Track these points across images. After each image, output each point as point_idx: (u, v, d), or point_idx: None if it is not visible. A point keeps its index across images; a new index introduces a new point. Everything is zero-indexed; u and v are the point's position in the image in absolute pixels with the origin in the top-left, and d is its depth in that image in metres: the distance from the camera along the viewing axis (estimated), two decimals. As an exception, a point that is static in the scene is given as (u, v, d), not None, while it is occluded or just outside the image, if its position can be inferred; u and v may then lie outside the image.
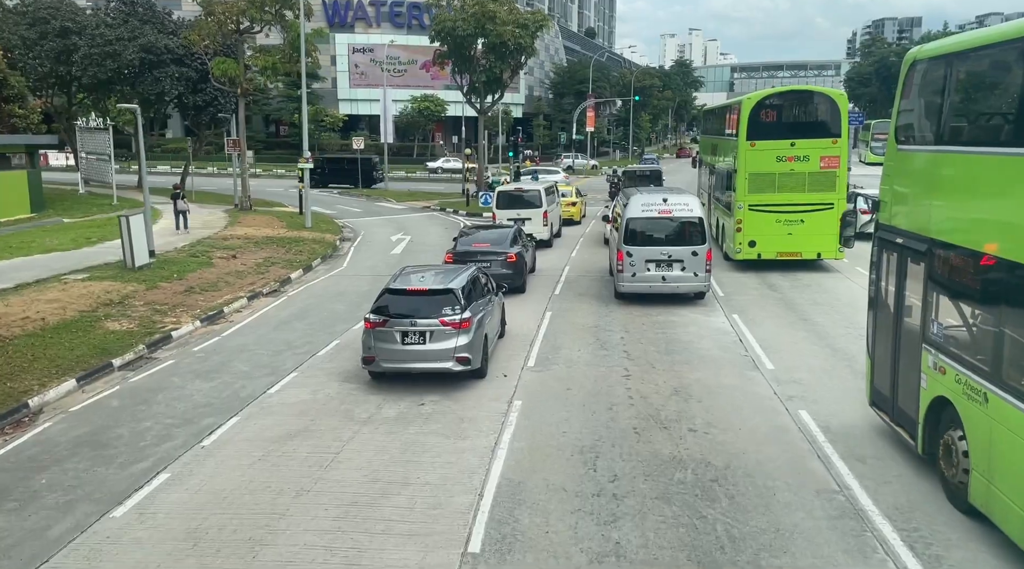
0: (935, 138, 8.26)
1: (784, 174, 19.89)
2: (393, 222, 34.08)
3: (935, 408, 7.99)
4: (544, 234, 25.31)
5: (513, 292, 18.10)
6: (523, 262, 18.78)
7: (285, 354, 13.87)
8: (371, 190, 48.44)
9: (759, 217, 20.22)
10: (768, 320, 15.80)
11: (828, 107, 20.20)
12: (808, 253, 20.42)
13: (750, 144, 20.01)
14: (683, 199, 17.38)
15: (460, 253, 18.29)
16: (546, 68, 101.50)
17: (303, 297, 18.85)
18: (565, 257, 24.35)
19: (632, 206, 17.31)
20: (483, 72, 37.81)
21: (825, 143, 19.72)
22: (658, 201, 17.18)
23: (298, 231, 28.57)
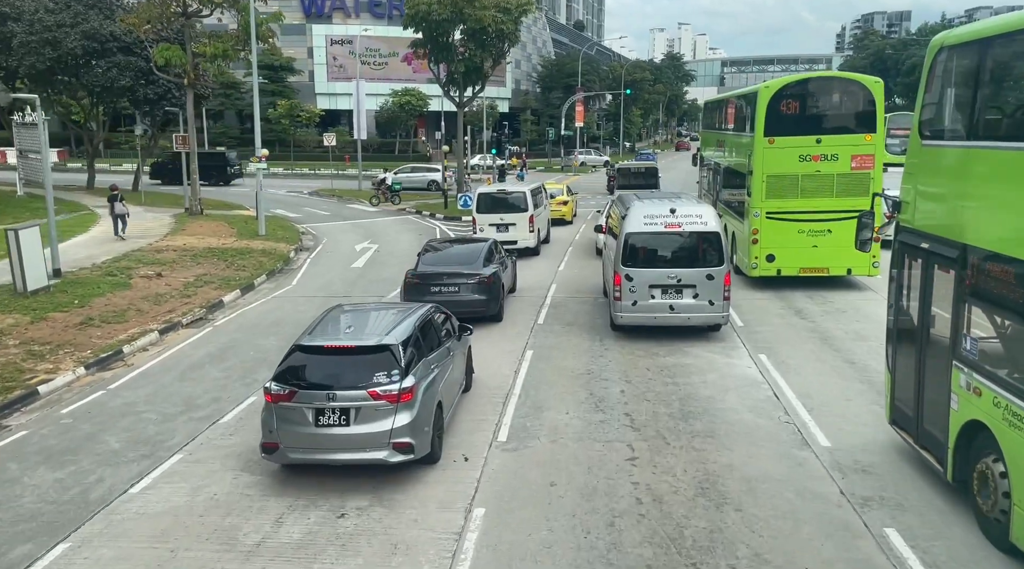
0: (967, 132, 7.53)
1: (808, 176, 16.95)
2: (361, 228, 30.69)
3: (968, 432, 7.25)
4: (531, 241, 22.87)
5: (488, 321, 15.14)
6: (499, 285, 15.59)
7: (178, 420, 10.49)
8: (344, 190, 44.91)
9: (778, 227, 17.18)
10: (806, 363, 12.53)
11: (861, 96, 17.14)
12: (836, 269, 17.48)
13: (768, 141, 17.03)
14: (695, 209, 14.09)
15: (423, 275, 15.24)
16: (533, 61, 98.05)
17: (231, 328, 15.46)
18: (552, 271, 21.07)
19: (632, 218, 14.01)
20: (462, 62, 34.41)
21: (857, 139, 16.77)
22: (664, 212, 13.87)
23: (248, 240, 25.13)
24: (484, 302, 14.93)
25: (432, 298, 14.10)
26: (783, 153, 16.94)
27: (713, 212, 14.07)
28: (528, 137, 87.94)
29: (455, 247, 17.33)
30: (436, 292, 14.72)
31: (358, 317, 9.80)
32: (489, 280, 15.09)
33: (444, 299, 14.10)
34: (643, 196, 16.23)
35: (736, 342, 13.85)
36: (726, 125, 22.51)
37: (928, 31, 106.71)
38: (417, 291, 14.82)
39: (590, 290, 18.38)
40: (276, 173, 61.51)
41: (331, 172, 57.03)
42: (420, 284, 14.94)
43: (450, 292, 14.76)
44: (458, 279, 14.95)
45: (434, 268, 15.40)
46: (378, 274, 20.87)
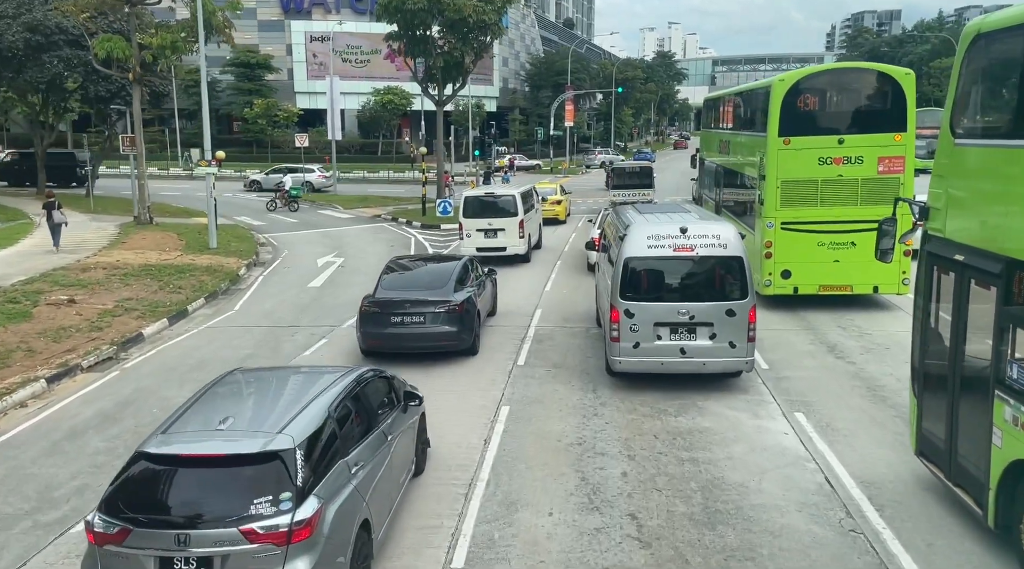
0: (1010, 130, 6.53)
1: (829, 181, 14.95)
2: (330, 237, 27.85)
3: (1015, 473, 6.24)
4: (521, 248, 21.45)
5: (461, 355, 12.84)
6: (473, 313, 13.14)
7: (16, 528, 7.65)
8: (319, 194, 41.96)
9: (795, 239, 15.15)
10: (858, 428, 9.79)
11: (890, 90, 15.00)
12: (861, 287, 15.43)
13: (783, 141, 15.01)
14: (711, 228, 11.35)
15: (382, 302, 12.75)
16: (522, 59, 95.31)
17: (142, 373, 12.62)
18: (536, 290, 18.34)
19: (633, 239, 11.26)
20: (440, 56, 31.61)
21: (885, 139, 14.74)
22: (672, 231, 11.12)
23: (195, 255, 22.26)
24: (455, 334, 12.58)
25: (394, 330, 12.39)
26: (800, 155, 14.96)
27: (734, 232, 11.34)
28: (516, 137, 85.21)
29: (423, 267, 15.04)
30: (397, 323, 12.46)
31: (250, 395, 7.02)
32: (461, 308, 12.70)
33: (407, 331, 12.41)
34: (644, 210, 13.49)
35: (763, 393, 11.12)
36: (732, 124, 20.39)
37: (924, 28, 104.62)
38: (375, 321, 12.58)
39: (581, 317, 15.64)
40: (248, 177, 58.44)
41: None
42: (379, 313, 12.57)
43: (414, 323, 12.48)
44: (424, 307, 12.56)
45: (395, 293, 12.99)
46: (336, 297, 18.07)
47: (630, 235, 11.31)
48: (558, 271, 20.92)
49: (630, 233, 11.35)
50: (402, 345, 12.56)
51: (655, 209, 13.66)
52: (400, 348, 12.58)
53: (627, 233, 11.42)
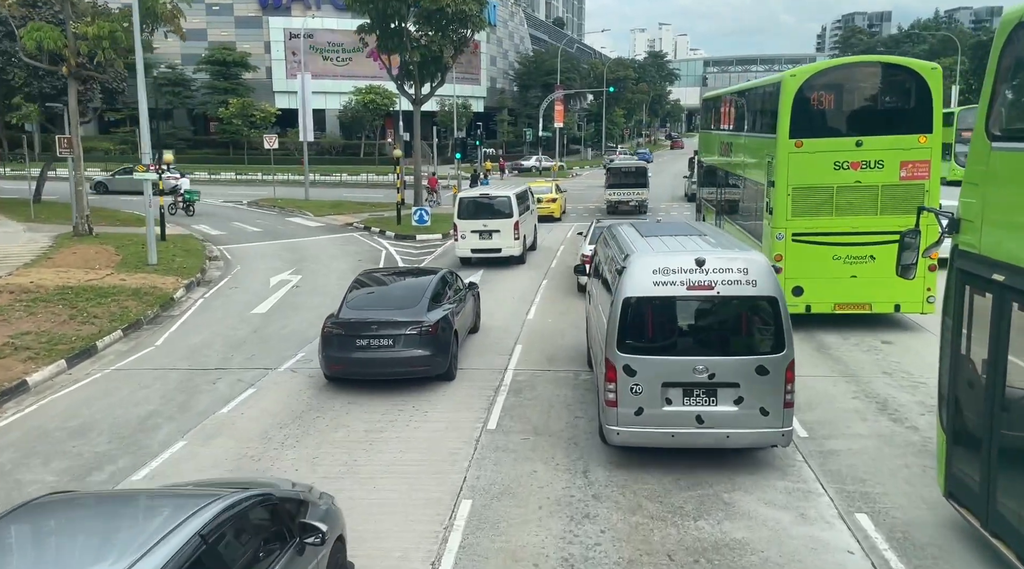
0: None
1: (846, 188, 13.61)
2: (291, 249, 25.09)
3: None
4: (516, 249, 21.09)
5: (437, 381, 11.58)
6: (449, 334, 11.78)
7: None
8: (290, 200, 39.14)
9: (808, 252, 13.80)
10: (948, 545, 7.12)
11: (914, 87, 13.55)
12: (881, 305, 14.01)
13: (794, 144, 13.63)
14: (735, 258, 8.59)
15: (347, 323, 11.39)
16: (511, 58, 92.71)
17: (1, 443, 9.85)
18: (520, 314, 15.70)
19: (635, 272, 8.55)
20: (416, 50, 28.88)
21: (908, 141, 13.40)
22: (685, 262, 8.42)
23: (129, 272, 19.44)
24: (428, 358, 11.27)
25: (360, 354, 11.11)
26: (814, 159, 13.59)
27: (764, 263, 8.61)
28: (504, 138, 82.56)
29: (394, 282, 13.60)
30: (364, 346, 11.16)
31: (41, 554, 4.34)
32: (435, 329, 11.36)
33: (375, 355, 11.13)
34: (646, 230, 10.71)
35: (806, 477, 8.45)
36: (736, 124, 18.79)
37: (921, 27, 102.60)
38: (338, 344, 11.26)
39: (569, 356, 12.97)
40: (219, 179, 55.68)
41: (284, 178, 51.37)
42: (343, 336, 11.24)
43: (383, 346, 11.18)
44: (394, 328, 11.21)
45: (362, 313, 11.60)
46: (282, 326, 15.35)
47: (631, 268, 8.61)
48: (544, 290, 18.24)
49: (631, 265, 8.65)
50: (369, 371, 11.29)
51: (659, 230, 10.91)
52: (367, 374, 11.32)
53: (627, 265, 8.71)
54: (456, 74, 79.16)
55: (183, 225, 30.42)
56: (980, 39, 74.53)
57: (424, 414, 10.46)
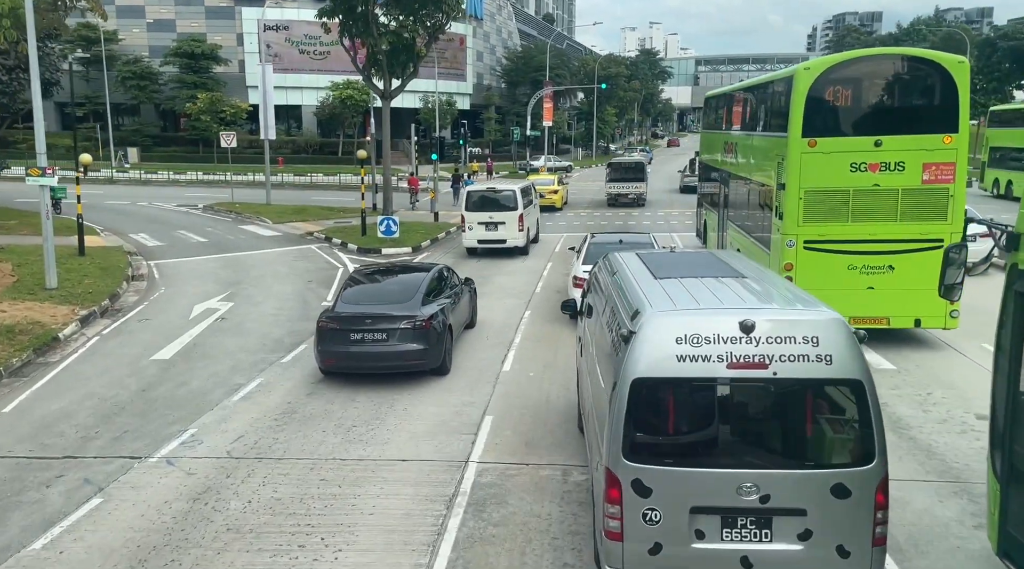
0: None
1: (864, 192, 12.68)
2: (234, 265, 21.49)
3: None
4: (520, 241, 22.37)
5: (431, 375, 11.69)
6: (443, 328, 11.81)
7: None
8: (249, 204, 35.43)
9: (821, 261, 12.86)
10: None
11: (938, 82, 12.56)
12: (900, 320, 12.99)
13: (807, 143, 12.69)
14: (797, 317, 5.66)
15: (341, 317, 11.51)
16: (498, 54, 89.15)
17: None
18: (495, 363, 12.18)
19: (648, 339, 5.49)
20: (385, 36, 25.30)
21: (932, 141, 12.43)
22: (724, 324, 5.46)
23: (16, 299, 15.81)
24: (421, 352, 11.37)
25: (354, 348, 11.27)
26: (828, 160, 12.65)
27: (842, 326, 5.50)
28: (491, 137, 78.99)
29: (389, 278, 13.29)
30: (358, 340, 11.30)
31: None
32: (428, 324, 11.47)
33: (369, 349, 11.26)
34: (659, 267, 7.28)
35: None
36: (742, 123, 17.62)
37: (921, 23, 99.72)
38: (333, 339, 11.41)
39: (555, 436, 9.48)
40: (180, 180, 51.94)
41: (251, 178, 47.79)
42: (337, 330, 11.42)
43: (377, 340, 11.31)
44: (388, 322, 11.35)
45: (357, 308, 11.76)
46: (182, 382, 11.78)
47: (643, 333, 5.52)
48: (526, 326, 14.71)
49: (643, 329, 5.55)
50: (363, 365, 11.39)
51: (678, 265, 7.46)
52: (361, 369, 11.43)
53: (637, 329, 5.60)
54: (440, 69, 75.56)
55: (119, 235, 26.76)
56: (988, 36, 71.46)
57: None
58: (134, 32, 68.47)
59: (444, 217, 31.61)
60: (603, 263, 8.58)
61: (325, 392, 11.23)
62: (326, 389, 11.36)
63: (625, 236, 16.10)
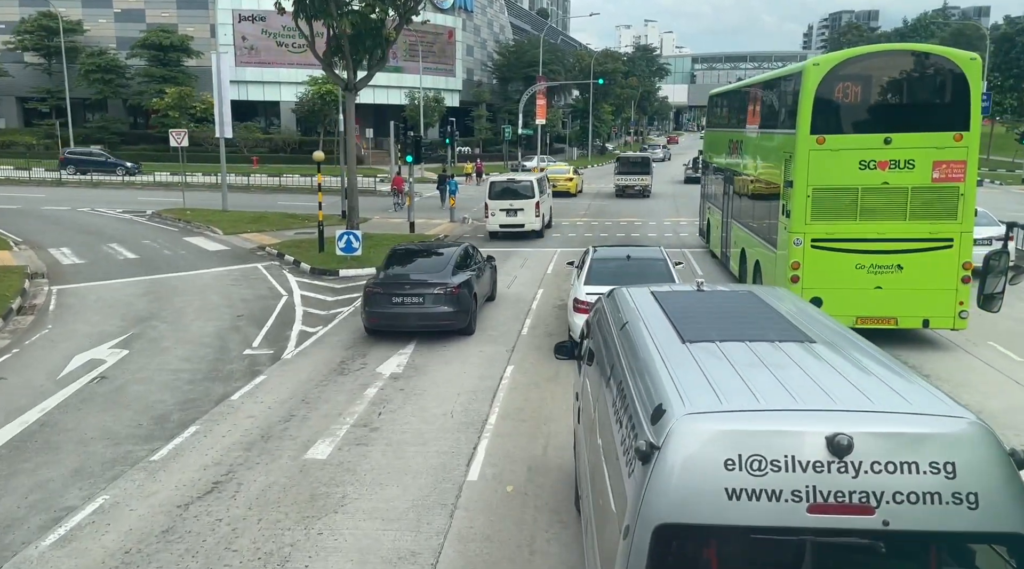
0: None
1: (872, 190, 12.37)
2: (155, 292, 17.59)
3: None
4: (536, 225, 25.34)
5: (458, 335, 13.55)
6: (470, 295, 13.69)
7: None
8: (204, 211, 31.44)
9: (828, 260, 12.63)
10: None
11: (950, 79, 12.21)
12: (908, 320, 12.64)
13: (816, 140, 12.39)
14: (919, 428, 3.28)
15: (385, 284, 13.48)
16: (489, 48, 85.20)
17: None
18: (453, 467, 8.32)
19: (678, 459, 3.26)
20: (346, 16, 21.41)
21: (943, 139, 12.13)
22: (798, 435, 3.29)
23: None
24: (452, 314, 13.29)
25: (395, 309, 13.24)
26: (837, 157, 12.46)
27: (989, 438, 3.18)
28: (482, 136, 75.09)
29: (424, 253, 15.46)
30: (399, 303, 13.25)
31: None
32: (458, 290, 13.39)
33: (407, 310, 13.25)
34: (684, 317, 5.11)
35: None
36: (748, 120, 17.56)
37: (927, 20, 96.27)
38: (377, 301, 13.33)
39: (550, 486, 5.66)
40: (135, 182, 47.89)
41: (213, 181, 43.72)
42: (381, 294, 13.34)
43: (414, 303, 13.27)
44: (424, 288, 13.31)
45: (398, 276, 13.84)
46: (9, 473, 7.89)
47: (672, 447, 3.40)
48: (504, 401, 10.81)
49: (673, 441, 3.41)
50: (403, 324, 13.31)
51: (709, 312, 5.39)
52: (401, 327, 13.34)
53: (663, 438, 3.45)
54: (427, 64, 71.60)
55: (37, 249, 22.84)
56: (1006, 31, 67.87)
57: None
58: (101, 23, 64.34)
59: (423, 226, 27.77)
60: (608, 303, 6.30)
61: (192, 525, 7.33)
62: (200, 513, 7.46)
63: (633, 250, 14.16)
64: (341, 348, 13.30)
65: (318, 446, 9.16)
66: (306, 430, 9.67)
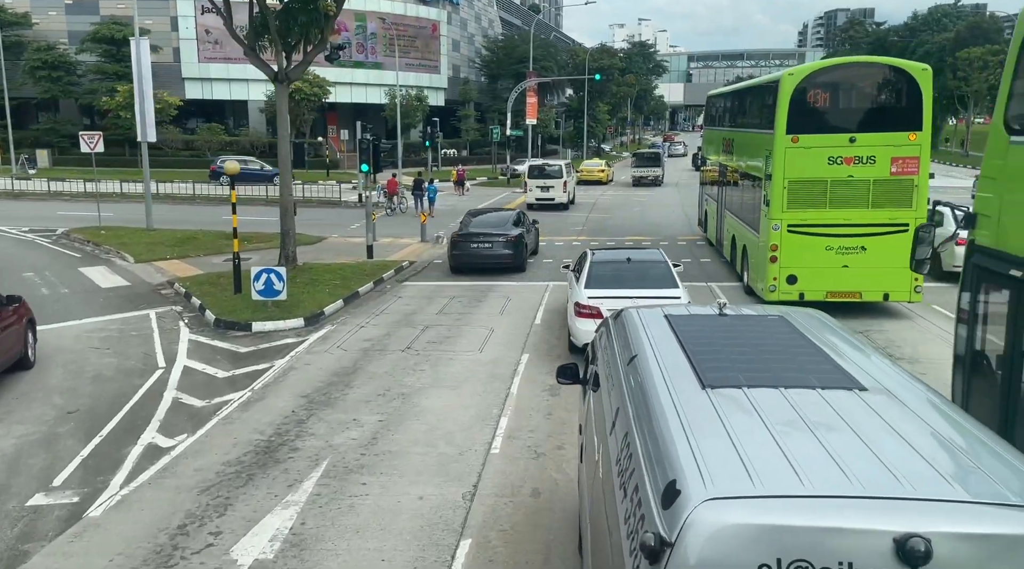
0: None
1: (840, 182, 14.38)
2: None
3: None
4: (563, 199, 34.14)
5: (513, 272, 19.20)
6: (523, 244, 19.80)
7: None
8: (123, 230, 26.16)
9: (803, 242, 14.65)
10: None
11: (905, 87, 14.28)
12: (871, 294, 14.75)
13: (791, 139, 14.38)
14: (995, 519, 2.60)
15: (466, 234, 19.38)
16: (477, 44, 79.95)
17: None
18: None
19: (701, 553, 2.48)
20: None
21: (899, 138, 14.09)
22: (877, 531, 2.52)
23: None
24: (511, 256, 19.16)
25: (472, 251, 19.10)
26: (809, 154, 14.46)
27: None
28: (469, 137, 69.94)
29: (492, 214, 21.56)
30: (475, 247, 19.11)
31: None
32: (515, 239, 19.31)
33: (480, 252, 19.07)
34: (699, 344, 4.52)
35: None
36: (737, 121, 19.69)
37: (940, 14, 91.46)
38: (460, 247, 19.22)
39: None
40: (63, 192, 42.30)
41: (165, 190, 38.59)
42: (463, 241, 19.22)
43: (485, 247, 19.08)
44: (492, 237, 19.14)
45: (475, 229, 19.61)
46: None
47: (688, 547, 2.60)
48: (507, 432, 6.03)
49: (690, 536, 2.63)
50: (477, 262, 19.11)
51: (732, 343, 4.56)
52: (476, 264, 19.10)
53: (677, 532, 2.65)
54: (409, 60, 66.32)
55: None
56: None
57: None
58: (50, 15, 58.93)
59: (386, 248, 22.61)
60: (616, 327, 5.44)
61: None
62: None
63: (633, 253, 14.21)
64: (194, 491, 8.12)
65: None
66: None
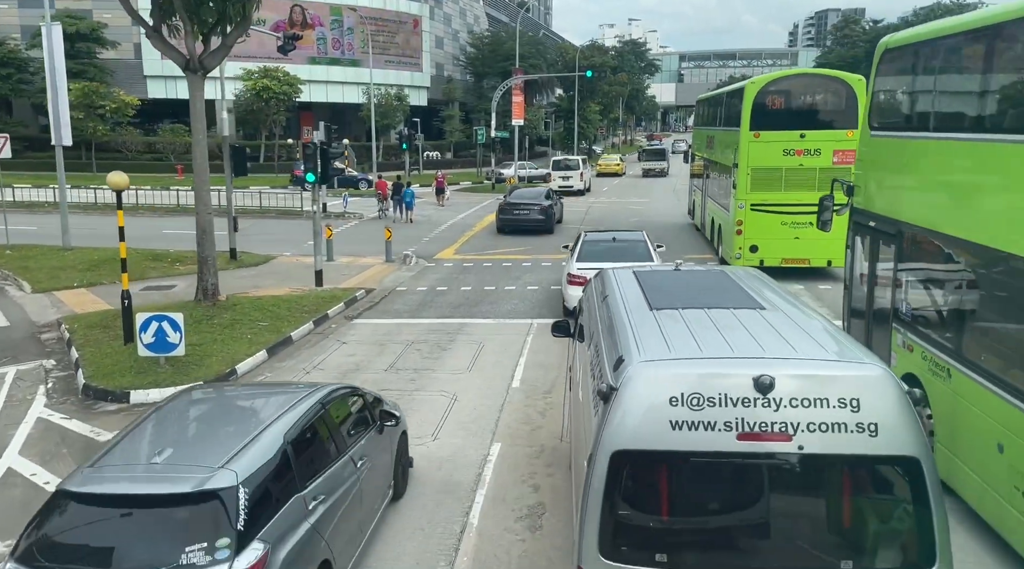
0: (904, 125, 9.08)
1: (792, 170, 17.98)
2: None
3: None
4: (580, 186, 42.28)
5: (543, 233, 25.87)
6: (553, 213, 27.15)
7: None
8: (35, 249, 22.54)
9: (762, 218, 18.21)
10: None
11: (844, 94, 17.85)
12: (817, 260, 18.42)
13: (753, 135, 18.04)
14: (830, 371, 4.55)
15: (510, 203, 27.06)
16: (462, 40, 76.32)
17: None
18: None
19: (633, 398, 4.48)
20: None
21: (839, 135, 17.59)
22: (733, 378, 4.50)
23: None
24: (543, 221, 26.19)
25: (514, 216, 26.20)
26: (768, 147, 17.83)
27: (890, 381, 4.42)
28: (453, 138, 66.35)
29: (528, 189, 32.37)
30: (517, 213, 26.31)
31: (198, 421, 6.25)
32: (547, 208, 26.66)
33: (521, 217, 26.13)
34: (657, 290, 6.35)
35: None
36: (716, 121, 23.02)
37: (942, 11, 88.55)
38: (506, 212, 26.49)
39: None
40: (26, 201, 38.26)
41: (98, 200, 35.01)
42: (508, 206, 26.73)
43: (523, 213, 26.30)
44: (530, 206, 26.58)
45: (517, 200, 27.44)
46: None
47: (627, 388, 4.51)
48: None
49: (628, 383, 4.52)
50: (519, 225, 26.12)
51: (679, 287, 6.49)
52: (517, 226, 26.11)
53: (621, 381, 4.57)
54: (389, 56, 62.76)
55: None
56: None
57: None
58: (2, 8, 55.09)
59: (342, 269, 19.07)
60: (596, 281, 7.55)
61: None
62: None
63: (619, 234, 16.70)
64: None
65: None
66: None
